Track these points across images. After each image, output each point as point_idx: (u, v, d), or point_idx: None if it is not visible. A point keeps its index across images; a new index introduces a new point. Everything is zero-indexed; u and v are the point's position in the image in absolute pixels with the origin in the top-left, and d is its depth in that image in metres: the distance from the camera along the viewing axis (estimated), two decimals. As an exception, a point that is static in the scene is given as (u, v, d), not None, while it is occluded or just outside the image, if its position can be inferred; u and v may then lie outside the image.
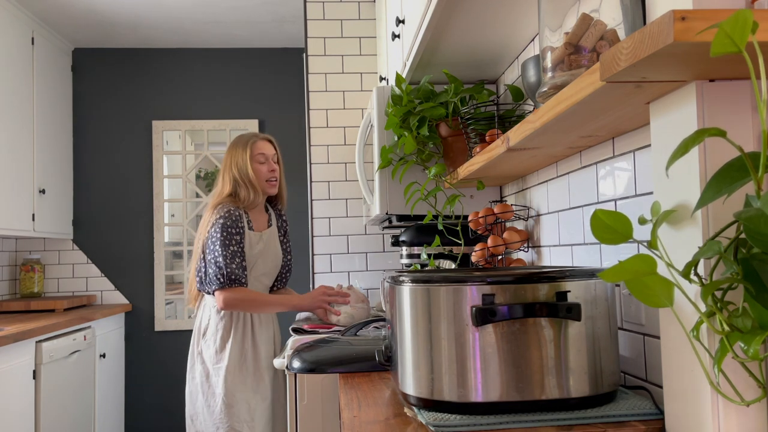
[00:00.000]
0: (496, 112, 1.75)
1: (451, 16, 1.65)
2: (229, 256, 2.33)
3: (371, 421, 1.06)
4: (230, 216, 2.37)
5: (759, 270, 0.66)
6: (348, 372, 1.51)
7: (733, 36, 0.60)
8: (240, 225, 2.39)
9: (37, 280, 4.17)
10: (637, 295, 0.76)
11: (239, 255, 2.36)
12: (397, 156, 2.11)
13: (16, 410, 2.87)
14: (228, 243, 2.34)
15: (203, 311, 2.47)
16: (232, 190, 2.45)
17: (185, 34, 4.30)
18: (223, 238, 2.33)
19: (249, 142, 2.48)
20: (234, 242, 2.36)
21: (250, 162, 2.45)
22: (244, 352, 2.39)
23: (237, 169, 2.46)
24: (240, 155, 2.47)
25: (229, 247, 2.34)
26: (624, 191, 1.25)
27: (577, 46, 1.00)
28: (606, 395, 1.05)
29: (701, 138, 0.67)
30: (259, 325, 2.45)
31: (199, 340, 2.44)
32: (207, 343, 2.41)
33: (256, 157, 2.46)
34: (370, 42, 3.26)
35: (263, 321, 2.48)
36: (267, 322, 2.50)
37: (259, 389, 2.38)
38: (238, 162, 2.46)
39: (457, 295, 1.03)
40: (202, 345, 2.42)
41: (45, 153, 3.99)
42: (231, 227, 2.36)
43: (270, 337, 2.50)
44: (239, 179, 2.45)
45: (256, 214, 2.53)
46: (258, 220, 2.52)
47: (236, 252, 2.36)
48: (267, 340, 2.47)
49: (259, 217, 2.53)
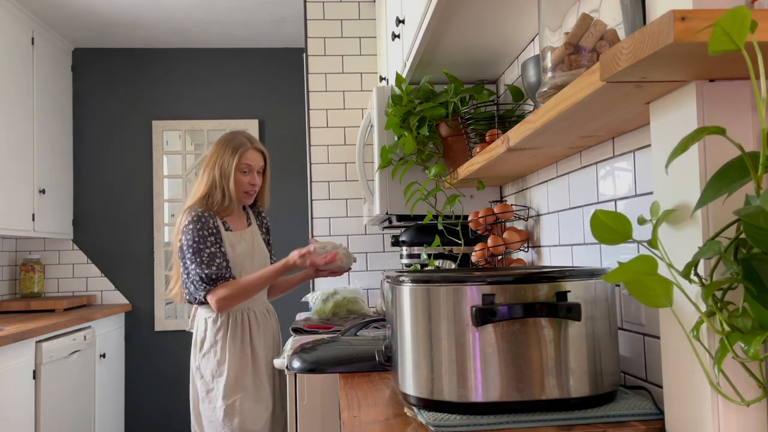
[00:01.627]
0: (496, 112, 1.75)
1: (451, 16, 1.65)
2: (206, 260, 2.24)
3: (371, 421, 1.06)
4: (199, 219, 2.28)
5: (759, 270, 0.66)
6: (348, 372, 1.51)
7: (731, 33, 0.60)
8: (213, 225, 2.30)
9: (37, 280, 4.17)
10: (636, 295, 0.76)
11: (218, 255, 2.27)
12: (397, 156, 2.11)
13: (16, 410, 2.86)
14: (203, 247, 2.25)
15: (198, 323, 2.38)
16: (207, 191, 2.36)
17: (185, 34, 4.30)
18: (196, 244, 2.25)
19: (240, 150, 2.36)
20: (209, 243, 2.27)
21: (235, 171, 2.35)
22: (244, 362, 2.30)
23: (219, 171, 2.36)
24: (227, 159, 2.36)
25: (205, 251, 2.25)
26: (624, 191, 1.25)
27: (577, 46, 1.00)
28: (606, 395, 1.05)
29: (701, 136, 0.67)
30: (258, 330, 2.36)
31: (196, 354, 2.36)
32: (206, 357, 2.32)
33: (241, 166, 2.36)
34: (370, 42, 3.26)
35: (261, 324, 2.39)
36: (266, 324, 2.41)
37: (260, 398, 2.31)
38: (222, 165, 2.36)
39: (457, 295, 1.03)
40: (200, 360, 2.34)
41: (45, 153, 3.99)
42: (202, 229, 2.27)
43: (269, 339, 2.41)
44: (218, 182, 2.35)
45: (229, 215, 2.43)
46: (234, 221, 2.43)
47: (214, 253, 2.26)
48: (266, 344, 2.38)
49: (235, 218, 2.44)
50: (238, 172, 2.35)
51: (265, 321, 2.42)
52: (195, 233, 2.26)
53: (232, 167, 2.33)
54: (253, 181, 2.39)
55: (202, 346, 2.33)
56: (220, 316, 2.32)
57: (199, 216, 2.28)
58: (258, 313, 2.39)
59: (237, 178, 2.35)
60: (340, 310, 2.68)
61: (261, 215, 2.59)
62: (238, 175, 2.35)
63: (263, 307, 2.44)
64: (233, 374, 2.27)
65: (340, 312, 2.67)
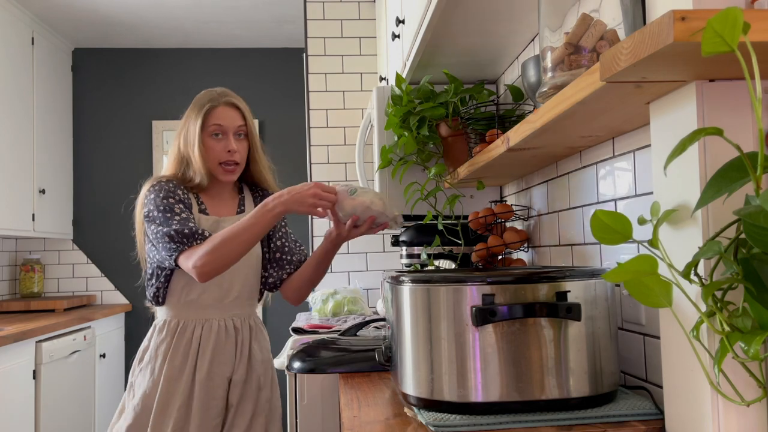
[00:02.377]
0: (496, 112, 1.75)
1: (451, 16, 1.65)
2: (176, 218, 1.66)
3: (371, 421, 1.06)
4: (162, 188, 1.73)
5: (759, 270, 0.66)
6: (348, 372, 1.51)
7: (723, 34, 0.60)
8: (183, 195, 1.75)
9: (37, 280, 4.17)
10: (635, 295, 0.76)
11: (191, 220, 1.70)
12: (397, 156, 2.11)
13: (16, 410, 2.86)
14: (166, 206, 1.69)
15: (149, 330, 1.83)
16: (177, 169, 1.80)
17: (185, 34, 4.30)
18: (163, 206, 1.69)
19: (206, 108, 1.77)
20: (177, 210, 1.69)
21: (200, 134, 1.75)
22: (175, 386, 1.72)
23: (184, 141, 1.79)
24: (191, 123, 1.78)
25: (174, 212, 1.68)
26: (624, 191, 1.25)
27: (577, 46, 1.00)
28: (606, 395, 1.05)
29: (698, 137, 0.67)
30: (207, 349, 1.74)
31: (134, 367, 1.82)
32: (143, 372, 1.77)
33: (209, 128, 1.76)
34: (370, 42, 3.26)
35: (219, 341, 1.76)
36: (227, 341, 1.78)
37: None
38: (188, 132, 1.78)
39: (457, 295, 1.03)
40: (137, 375, 1.79)
41: (45, 153, 3.99)
42: (166, 198, 1.71)
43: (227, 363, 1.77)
44: (183, 153, 1.79)
45: (212, 198, 1.84)
46: (215, 204, 1.84)
47: (186, 218, 1.69)
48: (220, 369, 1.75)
49: (216, 201, 1.84)
50: (206, 137, 1.76)
51: (227, 338, 1.78)
52: (157, 201, 1.70)
53: (197, 132, 1.75)
54: (228, 146, 1.76)
55: (141, 359, 1.80)
56: (168, 324, 1.77)
57: (161, 184, 1.75)
58: (217, 327, 1.77)
59: (206, 143, 1.76)
60: (340, 310, 2.68)
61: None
62: (206, 140, 1.76)
63: (230, 320, 1.80)
64: (163, 400, 1.71)
65: (340, 312, 2.67)
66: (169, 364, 1.72)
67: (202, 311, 1.77)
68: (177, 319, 1.76)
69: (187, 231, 1.63)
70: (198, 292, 1.76)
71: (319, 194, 1.60)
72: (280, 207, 1.59)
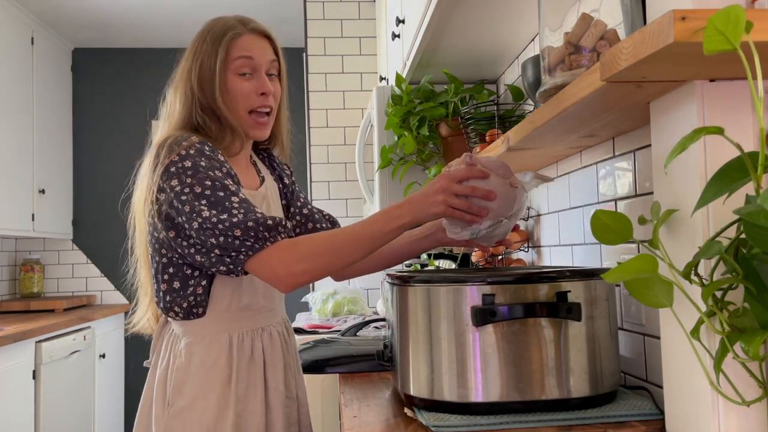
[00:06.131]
0: (496, 112, 1.75)
1: (451, 16, 1.65)
2: (229, 197, 1.17)
3: (371, 421, 1.06)
4: (195, 147, 1.23)
5: (759, 270, 0.66)
6: (348, 372, 1.51)
7: (725, 32, 0.59)
8: (221, 159, 1.25)
9: (36, 280, 4.17)
10: (636, 295, 0.76)
11: (242, 194, 1.21)
12: (397, 156, 2.11)
13: (16, 410, 2.86)
14: (220, 181, 1.19)
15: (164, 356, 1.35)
16: (188, 115, 1.31)
17: (185, 34, 4.29)
18: (205, 178, 1.18)
19: (227, 35, 1.30)
20: (223, 173, 1.21)
21: (222, 73, 1.29)
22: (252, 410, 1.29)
23: (198, 84, 1.30)
24: (207, 59, 1.29)
25: (226, 188, 1.18)
26: (624, 191, 1.25)
27: (577, 46, 1.00)
28: (606, 395, 1.05)
29: (698, 136, 0.67)
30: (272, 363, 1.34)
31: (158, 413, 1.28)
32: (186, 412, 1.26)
33: (234, 63, 1.29)
34: (370, 42, 3.26)
35: (276, 352, 1.35)
36: (284, 351, 1.38)
37: None
38: (201, 71, 1.30)
39: (457, 295, 1.03)
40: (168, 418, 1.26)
41: (45, 153, 3.99)
42: (207, 160, 1.21)
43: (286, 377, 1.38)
44: (199, 100, 1.30)
45: (238, 166, 1.36)
46: (244, 174, 1.37)
47: (238, 189, 1.21)
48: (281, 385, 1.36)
49: (243, 171, 1.38)
50: (231, 75, 1.30)
51: (287, 348, 1.41)
52: (203, 174, 1.18)
53: (216, 67, 1.28)
54: (262, 86, 1.30)
55: (167, 396, 1.27)
56: (213, 341, 1.28)
57: (198, 147, 1.23)
58: (277, 335, 1.38)
59: (232, 86, 1.29)
60: (340, 310, 2.68)
61: (281, 169, 1.51)
62: (233, 81, 1.30)
63: (281, 325, 1.41)
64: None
65: (340, 312, 2.67)
66: (236, 394, 1.27)
67: (256, 318, 1.34)
68: (228, 333, 1.30)
69: (271, 222, 1.15)
70: (250, 295, 1.33)
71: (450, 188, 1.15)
72: (408, 217, 1.17)
